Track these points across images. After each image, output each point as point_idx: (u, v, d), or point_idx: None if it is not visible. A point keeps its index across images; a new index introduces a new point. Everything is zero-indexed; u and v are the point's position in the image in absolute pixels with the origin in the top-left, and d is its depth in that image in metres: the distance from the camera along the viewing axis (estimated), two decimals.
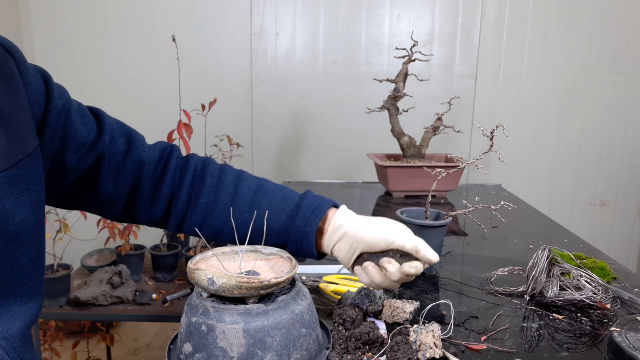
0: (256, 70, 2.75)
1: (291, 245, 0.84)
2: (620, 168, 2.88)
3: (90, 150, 0.76)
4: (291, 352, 0.68)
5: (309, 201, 0.83)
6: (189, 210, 0.85)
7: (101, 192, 0.80)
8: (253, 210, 0.82)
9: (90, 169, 0.78)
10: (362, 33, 2.73)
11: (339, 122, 2.80)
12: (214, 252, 0.77)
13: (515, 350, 0.79)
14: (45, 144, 0.70)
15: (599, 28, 2.71)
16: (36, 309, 0.67)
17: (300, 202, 0.83)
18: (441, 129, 1.91)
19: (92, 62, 2.71)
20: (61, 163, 0.74)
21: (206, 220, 0.85)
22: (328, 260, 1.22)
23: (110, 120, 0.82)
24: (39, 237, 0.66)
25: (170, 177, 0.84)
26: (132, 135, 0.85)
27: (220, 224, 0.84)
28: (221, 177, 0.85)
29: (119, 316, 1.92)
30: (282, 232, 0.83)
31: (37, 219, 0.65)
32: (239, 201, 0.83)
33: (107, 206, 0.83)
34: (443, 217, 1.12)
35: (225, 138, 2.33)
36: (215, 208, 0.84)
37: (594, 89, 2.78)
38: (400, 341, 0.76)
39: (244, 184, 0.85)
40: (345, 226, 0.80)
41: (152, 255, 2.08)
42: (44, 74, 0.71)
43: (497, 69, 2.76)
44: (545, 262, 0.96)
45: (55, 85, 0.73)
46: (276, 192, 0.85)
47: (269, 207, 0.83)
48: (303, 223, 0.81)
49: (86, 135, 0.76)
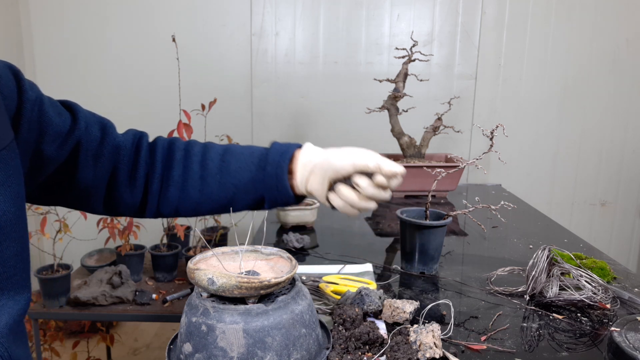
0: (256, 70, 2.75)
1: (268, 195, 0.84)
2: (620, 168, 2.88)
3: (67, 139, 0.78)
4: (291, 352, 0.68)
5: (276, 148, 0.85)
6: (164, 186, 0.86)
7: (81, 181, 0.81)
8: (224, 171, 0.84)
9: (69, 158, 0.79)
10: (362, 33, 2.72)
11: (339, 122, 2.80)
12: (214, 252, 0.77)
13: (515, 350, 0.79)
14: (22, 136, 0.70)
15: (599, 28, 2.71)
16: (24, 303, 0.67)
17: (267, 151, 0.85)
18: (441, 129, 1.91)
19: (92, 62, 2.71)
20: (40, 154, 0.75)
21: (183, 195, 0.86)
22: (328, 260, 1.23)
23: (82, 110, 0.84)
24: (22, 230, 0.67)
25: (144, 157, 0.86)
26: (105, 122, 0.87)
27: (197, 194, 0.85)
28: (188, 149, 0.87)
29: (119, 316, 1.92)
30: (256, 183, 0.83)
31: (18, 212, 0.65)
32: (208, 166, 0.85)
33: (87, 196, 0.84)
34: (443, 217, 1.12)
35: (225, 138, 2.33)
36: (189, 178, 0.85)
37: (594, 89, 2.78)
38: (400, 341, 0.76)
39: (211, 151, 0.86)
40: (314, 159, 0.82)
41: (152, 255, 2.08)
42: (13, 69, 0.73)
43: (497, 69, 2.76)
44: (545, 262, 0.96)
45: (25, 79, 0.74)
46: (244, 149, 0.87)
47: (238, 163, 0.84)
48: (274, 167, 0.82)
49: (62, 125, 0.77)
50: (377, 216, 1.66)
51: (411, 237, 1.11)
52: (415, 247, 1.11)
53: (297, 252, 1.28)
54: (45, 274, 1.84)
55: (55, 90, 3.21)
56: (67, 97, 0.87)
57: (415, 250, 1.11)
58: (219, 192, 0.84)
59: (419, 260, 1.12)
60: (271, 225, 1.48)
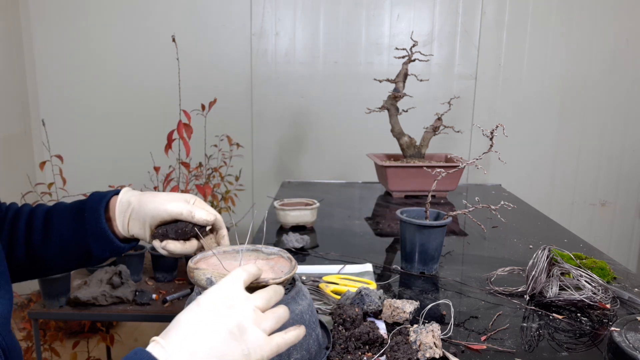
0: (256, 70, 2.75)
1: (92, 244, 0.83)
2: (620, 168, 2.88)
3: None
4: (291, 352, 0.68)
5: (93, 196, 0.85)
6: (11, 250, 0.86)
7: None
8: (48, 230, 0.84)
9: None
10: (362, 33, 2.72)
11: (339, 122, 2.80)
12: (216, 250, 0.77)
13: (515, 350, 0.79)
14: None
15: (599, 28, 2.71)
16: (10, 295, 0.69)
17: (84, 201, 0.85)
18: (441, 129, 1.91)
19: (92, 62, 2.71)
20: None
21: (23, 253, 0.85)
22: (328, 260, 1.23)
23: None
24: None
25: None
26: None
27: (24, 254, 0.85)
28: (20, 210, 0.87)
29: (119, 316, 1.92)
30: (77, 234, 0.83)
31: None
32: (34, 224, 0.85)
33: None
34: (443, 217, 1.12)
35: (225, 138, 2.33)
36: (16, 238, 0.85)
37: (594, 89, 2.78)
38: (400, 341, 0.76)
39: (37, 212, 0.87)
40: (132, 204, 0.81)
41: (152, 255, 2.08)
42: None
43: (497, 69, 2.76)
44: (545, 262, 0.96)
45: None
46: (66, 204, 0.87)
47: (58, 217, 0.84)
48: (91, 214, 0.82)
49: None
50: (377, 216, 1.66)
51: (411, 237, 1.11)
52: (415, 247, 1.11)
53: (297, 252, 1.28)
54: None
55: (55, 90, 3.22)
56: (67, 97, 0.88)
57: (415, 250, 1.11)
58: (46, 249, 0.84)
59: (419, 260, 1.12)
60: (271, 225, 1.48)
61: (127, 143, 2.76)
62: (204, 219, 0.78)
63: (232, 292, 0.59)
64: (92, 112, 2.75)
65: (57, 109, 2.73)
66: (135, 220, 0.81)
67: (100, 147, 2.78)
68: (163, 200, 0.79)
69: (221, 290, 0.59)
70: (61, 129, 2.66)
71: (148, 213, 0.78)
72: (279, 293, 0.63)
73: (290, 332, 0.61)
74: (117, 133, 2.76)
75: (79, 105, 2.74)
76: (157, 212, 0.78)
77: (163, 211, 0.78)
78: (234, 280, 0.61)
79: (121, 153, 2.77)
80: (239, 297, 0.59)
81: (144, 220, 0.79)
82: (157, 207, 0.78)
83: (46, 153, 2.18)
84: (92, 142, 2.78)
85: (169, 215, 0.77)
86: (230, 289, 0.60)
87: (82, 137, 2.77)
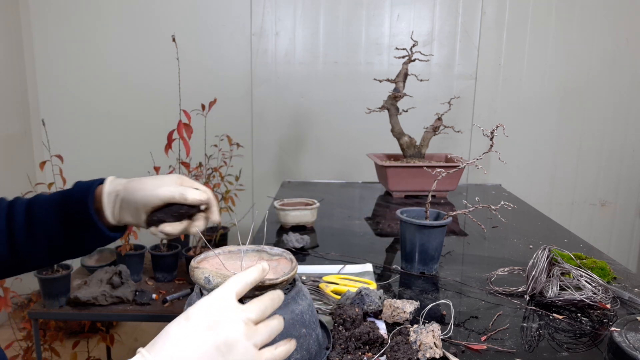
0: (256, 70, 2.75)
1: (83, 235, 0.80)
2: (620, 168, 2.88)
3: None
4: (291, 352, 0.68)
5: (78, 186, 0.82)
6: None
7: None
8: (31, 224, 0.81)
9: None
10: (362, 33, 2.72)
11: (339, 122, 2.80)
12: (221, 250, 0.77)
13: (515, 350, 0.79)
14: None
15: (599, 28, 2.71)
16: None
17: (69, 191, 0.82)
18: (441, 129, 1.91)
19: (92, 62, 2.71)
20: None
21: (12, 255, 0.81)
22: (328, 260, 1.23)
23: None
24: None
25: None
26: None
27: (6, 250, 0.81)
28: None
29: (119, 316, 1.92)
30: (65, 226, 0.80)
31: None
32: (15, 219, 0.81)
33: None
34: (443, 217, 1.12)
35: (225, 138, 2.33)
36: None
37: (594, 89, 2.78)
38: (400, 341, 0.76)
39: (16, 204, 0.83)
40: (120, 194, 0.79)
41: (152, 255, 2.08)
42: None
43: (497, 69, 2.76)
44: (545, 262, 0.96)
45: None
46: (47, 196, 0.84)
47: (42, 212, 0.81)
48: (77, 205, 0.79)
49: None
50: (377, 216, 1.66)
51: (411, 237, 1.11)
52: (415, 247, 1.11)
53: (297, 252, 1.28)
54: (45, 274, 1.84)
55: (55, 90, 3.22)
56: (68, 97, 0.88)
57: (415, 250, 1.11)
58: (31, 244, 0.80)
59: (419, 260, 1.12)
60: (271, 225, 1.48)
61: (127, 143, 2.76)
62: (198, 199, 0.76)
63: (222, 305, 0.57)
64: (92, 112, 2.75)
65: (57, 109, 2.73)
66: (126, 209, 0.79)
67: (101, 147, 2.78)
68: (152, 186, 0.77)
69: (211, 303, 0.57)
70: (61, 129, 2.66)
71: (139, 201, 0.77)
72: (276, 300, 0.62)
73: (280, 348, 0.60)
74: (117, 133, 2.76)
75: (79, 105, 2.74)
76: (148, 199, 0.76)
77: (154, 197, 0.76)
78: (226, 292, 0.59)
79: (121, 153, 2.77)
80: (229, 310, 0.57)
81: (135, 208, 0.77)
82: (147, 194, 0.76)
83: (46, 153, 2.17)
84: (92, 142, 2.78)
85: (160, 201, 0.76)
86: (221, 302, 0.58)
87: (82, 137, 2.77)
